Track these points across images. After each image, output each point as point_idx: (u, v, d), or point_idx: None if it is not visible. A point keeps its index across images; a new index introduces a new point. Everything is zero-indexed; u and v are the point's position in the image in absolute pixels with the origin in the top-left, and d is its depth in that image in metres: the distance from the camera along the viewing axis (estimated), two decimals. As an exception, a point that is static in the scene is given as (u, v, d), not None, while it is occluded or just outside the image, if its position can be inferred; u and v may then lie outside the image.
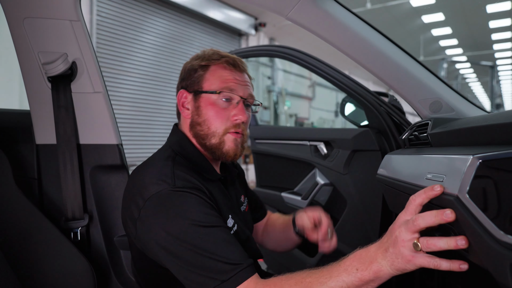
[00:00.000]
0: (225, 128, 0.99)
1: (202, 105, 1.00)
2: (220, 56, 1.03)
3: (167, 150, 1.02)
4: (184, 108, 1.04)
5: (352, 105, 1.79)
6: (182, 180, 0.90)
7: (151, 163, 0.99)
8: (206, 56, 1.03)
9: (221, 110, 0.99)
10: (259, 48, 1.97)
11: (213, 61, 1.02)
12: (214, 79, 1.00)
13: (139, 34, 7.12)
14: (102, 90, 1.29)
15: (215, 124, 0.99)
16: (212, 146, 1.00)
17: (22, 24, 1.18)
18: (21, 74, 1.24)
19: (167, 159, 0.97)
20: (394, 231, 0.73)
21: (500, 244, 0.57)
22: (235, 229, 1.01)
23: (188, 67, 1.05)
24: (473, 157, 0.63)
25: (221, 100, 0.99)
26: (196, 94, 1.02)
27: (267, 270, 2.26)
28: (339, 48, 1.11)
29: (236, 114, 1.00)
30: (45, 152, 1.28)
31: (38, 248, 1.16)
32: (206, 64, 1.02)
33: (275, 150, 2.08)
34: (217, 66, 1.02)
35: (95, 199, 1.31)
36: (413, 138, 1.15)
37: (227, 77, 1.01)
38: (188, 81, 1.03)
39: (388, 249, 0.72)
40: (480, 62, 13.53)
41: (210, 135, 0.99)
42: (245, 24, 9.39)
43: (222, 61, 1.02)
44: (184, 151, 1.01)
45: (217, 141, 0.99)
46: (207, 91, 0.99)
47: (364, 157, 1.63)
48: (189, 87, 1.03)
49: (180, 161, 0.97)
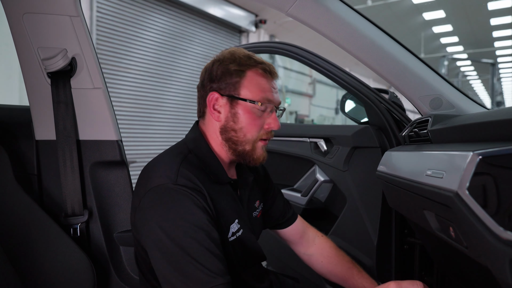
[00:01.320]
0: (258, 135, 1.02)
1: (239, 112, 1.00)
2: (256, 62, 1.01)
3: (182, 146, 1.03)
4: (215, 111, 1.02)
5: (352, 102, 1.78)
6: (184, 178, 0.90)
7: (162, 157, 1.00)
8: (242, 60, 1.01)
9: (257, 119, 1.01)
10: (259, 44, 1.96)
11: (249, 67, 1.01)
12: (252, 87, 1.00)
13: (139, 31, 7.11)
14: (102, 86, 1.29)
15: (252, 132, 1.01)
16: (244, 152, 1.02)
17: (21, 20, 1.17)
18: (21, 70, 1.24)
19: (178, 155, 0.98)
20: None
21: (499, 240, 0.57)
22: (239, 234, 1.01)
23: (221, 70, 1.02)
24: (473, 153, 0.63)
25: (258, 109, 1.00)
26: (232, 100, 1.01)
27: (267, 267, 2.27)
28: (339, 44, 1.10)
29: (270, 123, 1.03)
30: (44, 148, 1.28)
31: (37, 244, 1.16)
32: (242, 69, 1.00)
33: (275, 147, 2.08)
34: (253, 72, 1.01)
35: (95, 195, 1.31)
36: (413, 135, 1.14)
37: (264, 85, 1.01)
38: (222, 84, 1.01)
39: None
40: (481, 59, 13.52)
41: (245, 142, 1.01)
42: (246, 21, 9.37)
43: (259, 67, 1.01)
44: (198, 150, 1.02)
45: (250, 148, 1.01)
46: (246, 99, 0.99)
47: (364, 154, 1.63)
48: (223, 91, 1.01)
49: (190, 160, 0.98)
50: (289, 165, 2.06)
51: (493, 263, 0.61)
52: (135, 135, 7.02)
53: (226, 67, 1.01)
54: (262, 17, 9.63)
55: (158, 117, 7.40)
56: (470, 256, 0.70)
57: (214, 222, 0.91)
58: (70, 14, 1.19)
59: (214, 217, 0.92)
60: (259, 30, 9.88)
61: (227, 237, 0.97)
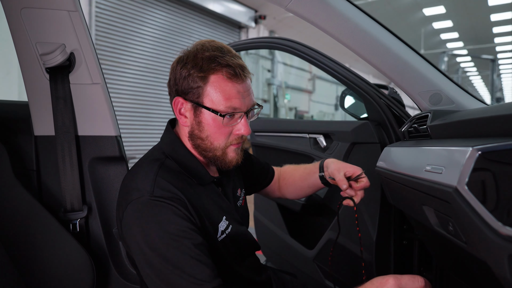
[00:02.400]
0: (227, 142, 0.98)
1: (203, 121, 0.95)
2: (220, 65, 0.92)
3: (158, 151, 1.00)
4: (181, 116, 0.98)
5: (352, 97, 1.78)
6: (161, 189, 0.88)
7: (140, 165, 0.97)
8: (204, 64, 0.93)
9: (223, 127, 0.95)
10: (259, 40, 1.95)
11: (213, 71, 0.92)
12: (216, 95, 0.92)
13: (138, 26, 7.09)
14: (101, 82, 1.28)
15: (218, 141, 0.96)
16: (215, 157, 0.98)
17: (19, 15, 1.17)
18: (19, 65, 1.23)
19: (154, 162, 0.95)
20: None
21: (498, 235, 0.57)
22: (229, 231, 1.00)
23: (184, 73, 0.95)
24: (472, 148, 0.63)
25: (225, 119, 0.94)
26: (196, 107, 0.95)
27: (266, 263, 2.28)
28: (339, 39, 1.10)
29: (239, 129, 0.97)
30: (43, 144, 1.28)
31: (37, 240, 1.16)
32: (204, 75, 0.93)
33: (274, 143, 2.08)
34: (217, 77, 0.92)
35: (94, 190, 1.31)
36: (413, 131, 1.14)
37: (230, 92, 0.93)
38: (185, 89, 0.95)
39: None
40: (481, 55, 13.49)
41: (213, 149, 0.97)
42: (245, 16, 9.34)
43: (224, 72, 0.92)
44: (176, 154, 0.99)
45: (220, 153, 0.98)
46: (209, 109, 0.93)
47: (364, 149, 1.63)
48: (187, 96, 0.95)
49: (168, 166, 0.95)
50: (288, 161, 2.05)
51: (491, 259, 0.61)
52: (134, 131, 7.02)
53: (188, 71, 0.94)
54: (261, 12, 9.61)
55: (157, 112, 7.39)
56: (469, 251, 0.70)
57: (199, 227, 0.89)
58: (68, 9, 1.18)
59: (197, 223, 0.89)
60: (258, 25, 9.85)
61: (216, 237, 0.96)
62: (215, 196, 1.01)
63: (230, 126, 0.96)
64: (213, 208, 0.97)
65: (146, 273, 0.85)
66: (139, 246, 0.84)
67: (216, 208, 0.99)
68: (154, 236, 0.83)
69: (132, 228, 0.86)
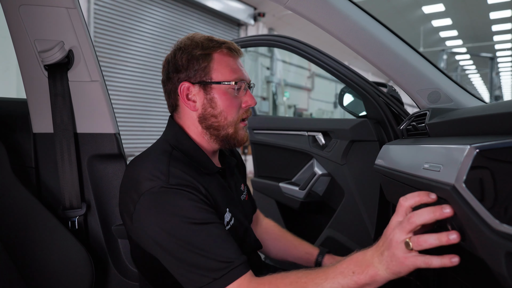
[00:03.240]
0: (239, 116, 1.01)
1: (216, 96, 0.98)
2: (219, 43, 1.00)
3: (164, 143, 1.00)
4: (189, 101, 1.00)
5: (351, 95, 1.78)
6: (176, 177, 0.88)
7: (146, 157, 0.97)
8: (204, 44, 0.99)
9: (234, 99, 1.00)
10: (258, 37, 1.95)
11: (214, 49, 0.99)
12: (223, 69, 0.98)
13: (137, 24, 7.07)
14: (99, 79, 1.28)
15: (232, 114, 1.00)
16: (228, 135, 1.01)
17: (18, 11, 1.17)
18: (18, 62, 1.23)
19: (163, 153, 0.95)
20: (389, 234, 0.73)
21: (495, 233, 0.57)
22: (232, 223, 1.00)
23: (186, 58, 0.99)
24: (470, 146, 0.63)
25: (234, 90, 0.99)
26: (205, 86, 0.99)
27: (265, 260, 2.28)
28: (338, 37, 1.10)
29: (247, 100, 1.02)
30: (42, 141, 1.28)
31: (36, 237, 1.16)
32: (207, 53, 0.98)
33: (273, 141, 2.08)
34: (220, 54, 0.99)
35: (93, 188, 1.31)
36: (411, 129, 1.14)
37: (233, 65, 1.00)
38: (190, 72, 0.98)
39: (384, 252, 0.73)
40: (480, 53, 13.50)
41: (227, 125, 1.00)
42: (244, 14, 9.32)
43: (224, 48, 0.99)
44: (181, 145, 1.00)
45: (232, 130, 1.01)
46: (220, 82, 0.98)
47: (362, 147, 1.63)
48: (193, 79, 0.99)
49: (177, 156, 0.96)
50: (287, 159, 2.06)
51: (489, 256, 0.61)
52: (133, 128, 7.01)
53: (190, 53, 0.98)
54: (260, 10, 9.58)
55: (155, 110, 7.38)
56: (467, 248, 0.70)
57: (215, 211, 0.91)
58: (67, 6, 1.18)
59: (214, 207, 0.92)
60: (257, 23, 9.83)
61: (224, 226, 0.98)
62: (220, 187, 1.02)
63: (238, 98, 1.01)
64: (219, 198, 0.99)
65: (168, 262, 0.85)
66: (159, 235, 0.84)
67: (221, 198, 1.00)
68: (174, 223, 0.83)
69: (149, 219, 0.86)
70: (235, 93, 0.99)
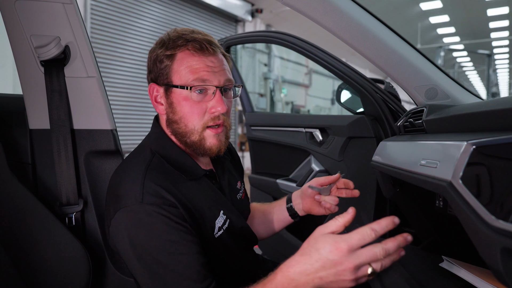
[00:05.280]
0: (203, 123, 0.92)
1: (175, 101, 0.91)
2: (186, 40, 0.90)
3: (145, 150, 0.95)
4: (157, 103, 0.96)
5: (348, 92, 1.78)
6: (151, 194, 0.83)
7: (126, 166, 0.93)
8: (170, 42, 0.91)
9: (196, 104, 0.90)
10: (255, 34, 1.95)
11: (178, 48, 0.90)
12: (182, 70, 0.90)
13: (134, 19, 7.03)
14: (96, 75, 1.28)
15: (192, 121, 0.91)
16: (193, 143, 0.93)
17: (13, 7, 1.16)
18: (14, 58, 1.22)
19: (141, 163, 0.90)
20: (333, 261, 0.75)
21: (491, 229, 0.58)
22: (226, 226, 0.97)
23: (153, 57, 0.93)
24: (467, 143, 0.63)
25: (195, 94, 0.90)
26: (166, 89, 0.93)
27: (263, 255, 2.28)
28: (335, 33, 1.10)
29: (213, 106, 0.91)
30: (38, 137, 1.27)
31: (32, 233, 1.16)
32: (171, 53, 0.90)
33: (271, 137, 2.08)
34: (183, 54, 0.90)
35: (90, 184, 1.31)
36: (408, 125, 1.15)
37: (196, 65, 0.90)
38: (156, 73, 0.93)
39: (324, 278, 0.75)
40: (477, 50, 13.52)
41: (189, 132, 0.92)
42: (242, 10, 9.29)
43: (189, 46, 0.90)
44: (163, 150, 0.95)
45: (197, 138, 0.92)
46: (177, 86, 0.90)
47: (359, 144, 1.63)
48: (159, 80, 0.93)
49: (155, 165, 0.90)
50: (284, 155, 2.06)
51: (485, 252, 0.62)
52: (130, 125, 6.99)
53: (156, 53, 0.93)
54: (258, 6, 9.55)
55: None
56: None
57: (193, 227, 0.87)
58: (63, 1, 1.17)
59: (190, 223, 0.87)
60: (255, 19, 9.80)
61: (212, 234, 0.93)
62: (209, 190, 0.98)
63: (203, 103, 0.91)
64: (208, 204, 0.94)
65: (139, 275, 0.84)
66: (130, 254, 0.83)
67: (211, 203, 0.95)
68: (146, 244, 0.81)
69: (121, 237, 0.84)
70: (197, 98, 0.90)
